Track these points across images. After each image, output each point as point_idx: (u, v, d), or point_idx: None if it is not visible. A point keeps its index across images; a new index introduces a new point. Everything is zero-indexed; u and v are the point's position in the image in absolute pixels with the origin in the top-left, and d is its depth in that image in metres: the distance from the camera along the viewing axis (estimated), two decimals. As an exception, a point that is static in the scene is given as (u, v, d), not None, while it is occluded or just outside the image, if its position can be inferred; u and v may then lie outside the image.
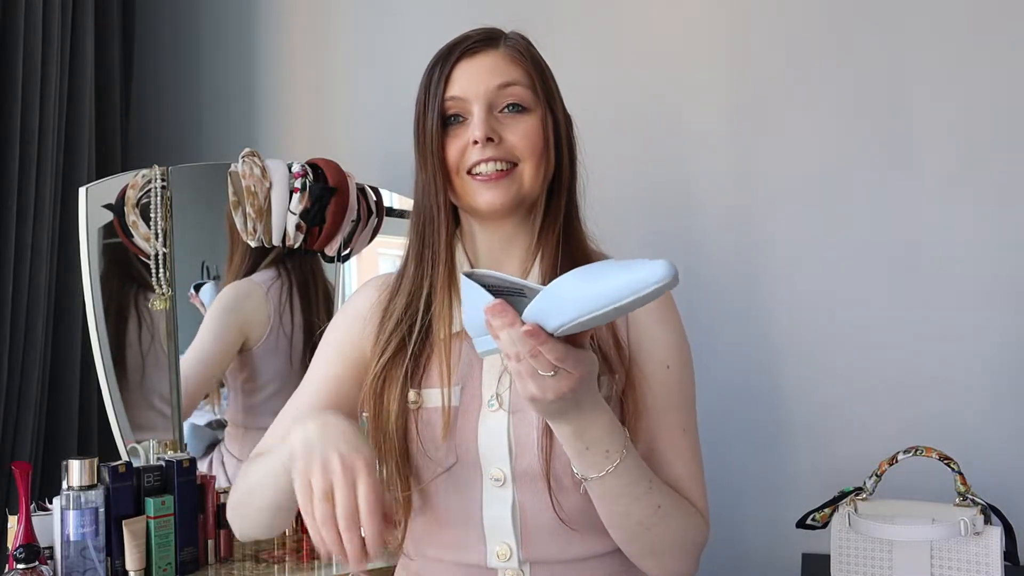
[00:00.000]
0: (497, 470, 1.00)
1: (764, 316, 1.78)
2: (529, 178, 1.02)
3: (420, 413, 1.02)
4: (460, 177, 1.02)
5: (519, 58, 1.05)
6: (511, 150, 1.02)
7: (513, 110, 1.03)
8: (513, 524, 1.00)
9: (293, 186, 1.77)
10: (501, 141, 1.01)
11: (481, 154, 1.00)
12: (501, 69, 1.03)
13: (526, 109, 1.03)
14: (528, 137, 1.02)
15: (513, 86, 1.03)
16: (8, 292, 1.87)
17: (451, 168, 1.03)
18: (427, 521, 1.05)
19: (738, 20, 1.83)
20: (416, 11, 2.12)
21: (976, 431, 1.62)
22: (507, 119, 1.03)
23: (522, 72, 1.04)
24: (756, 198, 1.81)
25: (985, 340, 1.64)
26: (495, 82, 1.02)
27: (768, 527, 1.77)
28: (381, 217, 1.93)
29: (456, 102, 1.03)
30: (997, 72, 1.63)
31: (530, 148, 1.02)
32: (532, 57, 1.07)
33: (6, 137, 1.88)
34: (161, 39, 2.41)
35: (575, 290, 0.79)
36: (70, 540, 1.41)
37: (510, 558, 1.00)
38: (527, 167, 1.02)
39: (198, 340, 1.84)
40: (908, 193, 1.69)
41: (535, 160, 1.02)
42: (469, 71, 1.03)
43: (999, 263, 1.63)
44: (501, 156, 1.01)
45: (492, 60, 1.04)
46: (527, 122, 1.03)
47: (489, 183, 1.01)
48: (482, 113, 1.01)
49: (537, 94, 1.04)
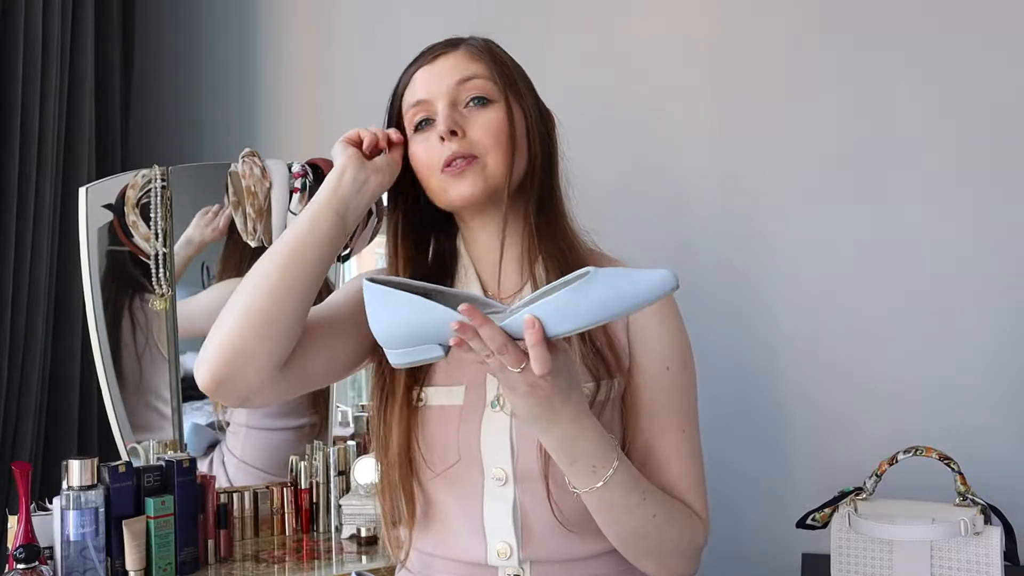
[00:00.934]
0: (499, 470, 1.00)
1: (764, 316, 1.78)
2: (494, 167, 1.02)
3: (424, 411, 1.03)
4: (435, 176, 1.03)
5: (477, 54, 1.05)
6: (474, 143, 1.01)
7: (477, 103, 1.03)
8: (514, 523, 1.00)
9: (293, 186, 1.76)
10: (465, 135, 1.01)
11: (448, 149, 1.00)
12: (460, 66, 1.04)
13: (489, 101, 1.03)
14: (490, 127, 1.02)
15: (474, 79, 1.03)
16: (8, 292, 1.88)
17: (426, 170, 1.03)
18: (428, 518, 1.05)
19: (733, 20, 1.83)
20: (416, 11, 2.12)
21: (976, 431, 1.62)
22: (471, 113, 1.03)
23: (482, 66, 1.05)
24: (755, 199, 1.81)
25: (985, 340, 1.64)
26: (455, 78, 1.03)
27: (768, 527, 1.77)
28: (381, 217, 1.92)
29: (420, 106, 1.04)
30: (998, 72, 1.63)
31: (493, 139, 1.02)
32: (492, 52, 1.07)
33: (6, 137, 1.88)
34: (161, 39, 2.41)
35: (578, 301, 0.79)
36: (70, 540, 1.41)
37: (510, 556, 1.00)
38: (491, 159, 1.02)
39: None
40: (907, 193, 1.69)
41: (499, 150, 1.02)
42: (429, 74, 1.05)
43: (999, 263, 1.63)
44: (465, 151, 1.01)
45: (451, 60, 1.05)
46: (489, 113, 1.03)
47: (455, 175, 1.01)
48: (445, 109, 1.02)
49: (498, 87, 1.04)
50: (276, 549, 1.70)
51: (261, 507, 1.78)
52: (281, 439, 1.90)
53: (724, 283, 1.81)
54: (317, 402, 1.92)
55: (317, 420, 1.92)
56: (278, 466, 1.86)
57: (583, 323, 0.80)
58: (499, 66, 1.05)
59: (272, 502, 1.79)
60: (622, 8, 1.92)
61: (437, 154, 1.02)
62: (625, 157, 1.90)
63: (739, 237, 1.81)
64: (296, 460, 1.83)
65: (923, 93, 1.68)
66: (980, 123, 1.64)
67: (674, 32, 1.88)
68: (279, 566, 1.61)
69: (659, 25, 1.89)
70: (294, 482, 1.81)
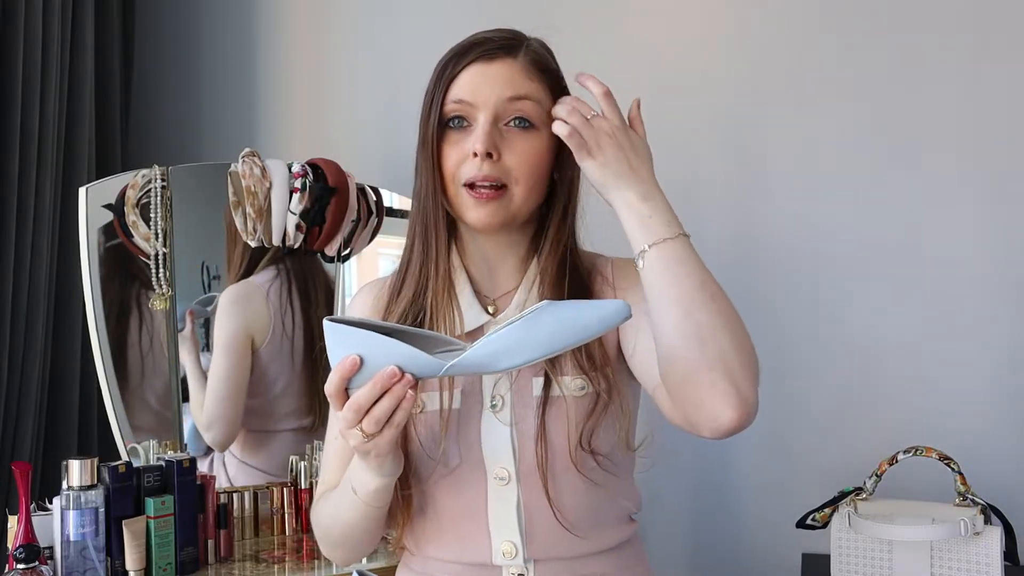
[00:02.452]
0: (501, 469, 1.00)
1: (765, 316, 1.78)
2: (519, 201, 1.00)
3: (421, 416, 1.02)
4: (455, 186, 1.00)
5: (536, 72, 1.01)
6: (507, 170, 0.99)
7: (519, 125, 1.00)
8: (518, 522, 1.00)
9: (293, 186, 1.77)
10: (500, 159, 0.98)
11: (478, 170, 0.98)
12: (516, 82, 1.00)
13: (533, 126, 1.00)
14: (527, 157, 0.99)
15: (525, 100, 0.99)
16: (8, 292, 1.88)
17: (447, 176, 1.00)
18: (430, 520, 1.05)
19: (739, 21, 1.83)
20: (416, 11, 2.12)
21: (976, 431, 1.62)
22: (511, 134, 0.99)
23: (537, 87, 1.01)
24: (756, 199, 1.81)
25: (986, 340, 1.63)
26: (507, 93, 0.99)
27: (768, 527, 1.77)
28: (381, 217, 1.93)
29: (462, 105, 1.00)
30: (999, 72, 1.63)
31: (527, 170, 1.00)
32: (551, 72, 1.04)
33: (6, 137, 1.88)
34: (161, 39, 2.41)
35: (528, 336, 0.84)
36: (70, 540, 1.41)
37: (515, 556, 1.00)
38: (519, 190, 1.00)
39: (215, 362, 1.84)
40: (910, 193, 1.69)
41: (529, 183, 1.00)
42: (482, 76, 0.99)
43: (1000, 263, 1.63)
44: (496, 176, 0.98)
45: (509, 70, 1.00)
46: (530, 141, 1.00)
47: (480, 201, 0.99)
48: (487, 125, 0.98)
49: (546, 111, 1.00)
50: (276, 549, 1.70)
51: (261, 507, 1.78)
52: (281, 439, 1.90)
53: (723, 282, 1.81)
54: (317, 402, 1.92)
55: (317, 420, 1.92)
56: (278, 466, 1.86)
57: (535, 355, 0.84)
58: (554, 91, 1.03)
59: (272, 502, 1.79)
60: (625, 6, 1.92)
61: (466, 167, 0.99)
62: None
63: (739, 238, 1.81)
64: (296, 460, 1.83)
65: (932, 93, 1.67)
66: (983, 123, 1.64)
67: (680, 28, 1.88)
68: (279, 566, 1.61)
69: (662, 22, 1.89)
70: (294, 482, 1.81)
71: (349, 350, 0.86)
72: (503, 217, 1.00)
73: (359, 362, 0.86)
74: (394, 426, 0.88)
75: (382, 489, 0.97)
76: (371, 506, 0.98)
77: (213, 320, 1.84)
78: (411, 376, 0.86)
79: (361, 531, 1.03)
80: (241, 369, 1.85)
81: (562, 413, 1.00)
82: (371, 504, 0.98)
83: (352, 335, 0.86)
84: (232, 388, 1.84)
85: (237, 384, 1.84)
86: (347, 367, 0.86)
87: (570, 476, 1.00)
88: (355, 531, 1.03)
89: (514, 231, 1.05)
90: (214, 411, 1.83)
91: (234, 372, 1.84)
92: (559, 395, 1.00)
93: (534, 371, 1.01)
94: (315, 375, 1.91)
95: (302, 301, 1.92)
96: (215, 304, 1.85)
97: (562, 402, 1.00)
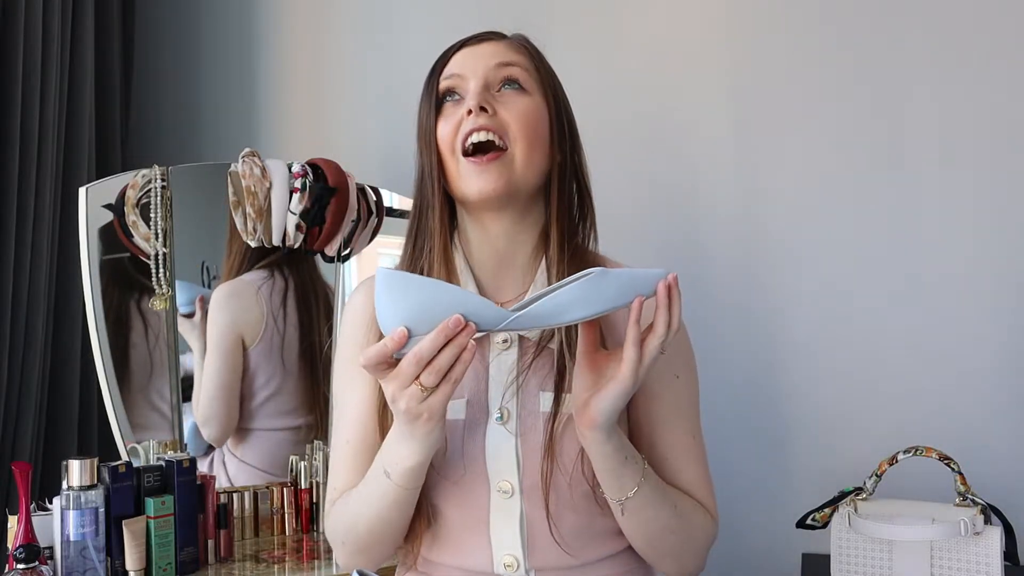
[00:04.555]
0: (505, 482, 1.00)
1: (765, 317, 1.78)
2: (521, 162, 0.99)
3: None
4: (455, 158, 0.99)
5: (521, 48, 1.05)
6: (504, 125, 0.99)
7: (511, 87, 1.01)
8: (521, 535, 1.00)
9: (293, 186, 1.77)
10: (495, 113, 0.99)
11: (474, 122, 0.97)
12: (501, 52, 1.03)
13: (524, 90, 1.02)
14: (523, 115, 1.00)
15: (512, 66, 1.02)
16: (8, 292, 1.88)
17: (445, 149, 1.00)
18: (433, 529, 1.05)
19: (740, 23, 1.83)
20: (416, 11, 2.12)
21: (976, 431, 1.62)
22: (504, 95, 1.01)
23: (523, 58, 1.04)
24: (758, 201, 1.80)
25: (986, 340, 1.63)
26: (494, 60, 1.02)
27: (768, 527, 1.77)
28: (381, 217, 1.93)
29: (453, 79, 1.02)
30: (999, 73, 1.63)
31: (523, 127, 0.99)
32: (534, 49, 1.07)
33: (6, 137, 1.88)
34: (161, 39, 2.41)
35: (602, 292, 0.86)
36: (70, 540, 1.41)
37: (517, 568, 1.00)
38: (518, 149, 0.99)
39: (206, 360, 1.84)
40: (911, 195, 1.69)
41: (527, 142, 0.99)
42: (471, 53, 1.03)
43: (1000, 263, 1.63)
44: (493, 127, 0.98)
45: (494, 47, 1.04)
46: (524, 100, 1.01)
47: (480, 166, 0.98)
48: (477, 87, 1.00)
49: (536, 80, 1.03)
50: (276, 549, 1.70)
51: (261, 507, 1.78)
52: (281, 439, 1.90)
53: (725, 282, 1.81)
54: (316, 402, 1.92)
55: (317, 420, 1.92)
56: (278, 466, 1.86)
57: (601, 308, 0.86)
58: (540, 62, 1.05)
59: (272, 502, 1.79)
60: (628, 8, 1.92)
61: (460, 129, 0.99)
62: (634, 159, 1.90)
63: (741, 240, 1.81)
64: (296, 460, 1.83)
65: (934, 93, 1.67)
66: (985, 126, 1.64)
67: (685, 31, 1.88)
68: (279, 566, 1.61)
69: (669, 25, 1.89)
70: (294, 482, 1.81)
71: (403, 301, 0.82)
72: (507, 181, 0.98)
73: (407, 334, 0.83)
74: (451, 381, 0.84)
75: (419, 467, 0.93)
76: (405, 488, 0.95)
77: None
78: (474, 326, 0.83)
79: (389, 524, 0.99)
80: (231, 367, 1.85)
81: (572, 431, 0.98)
82: (405, 486, 0.95)
83: (411, 283, 0.83)
84: (222, 386, 1.84)
85: (227, 381, 1.84)
86: (397, 339, 0.83)
87: (572, 493, 0.99)
88: (384, 524, 0.99)
89: (520, 213, 1.03)
90: (207, 409, 1.83)
91: (224, 369, 1.84)
92: (570, 412, 0.98)
93: (541, 385, 1.00)
94: (312, 374, 1.91)
95: (298, 301, 1.92)
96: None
97: (572, 420, 0.98)
